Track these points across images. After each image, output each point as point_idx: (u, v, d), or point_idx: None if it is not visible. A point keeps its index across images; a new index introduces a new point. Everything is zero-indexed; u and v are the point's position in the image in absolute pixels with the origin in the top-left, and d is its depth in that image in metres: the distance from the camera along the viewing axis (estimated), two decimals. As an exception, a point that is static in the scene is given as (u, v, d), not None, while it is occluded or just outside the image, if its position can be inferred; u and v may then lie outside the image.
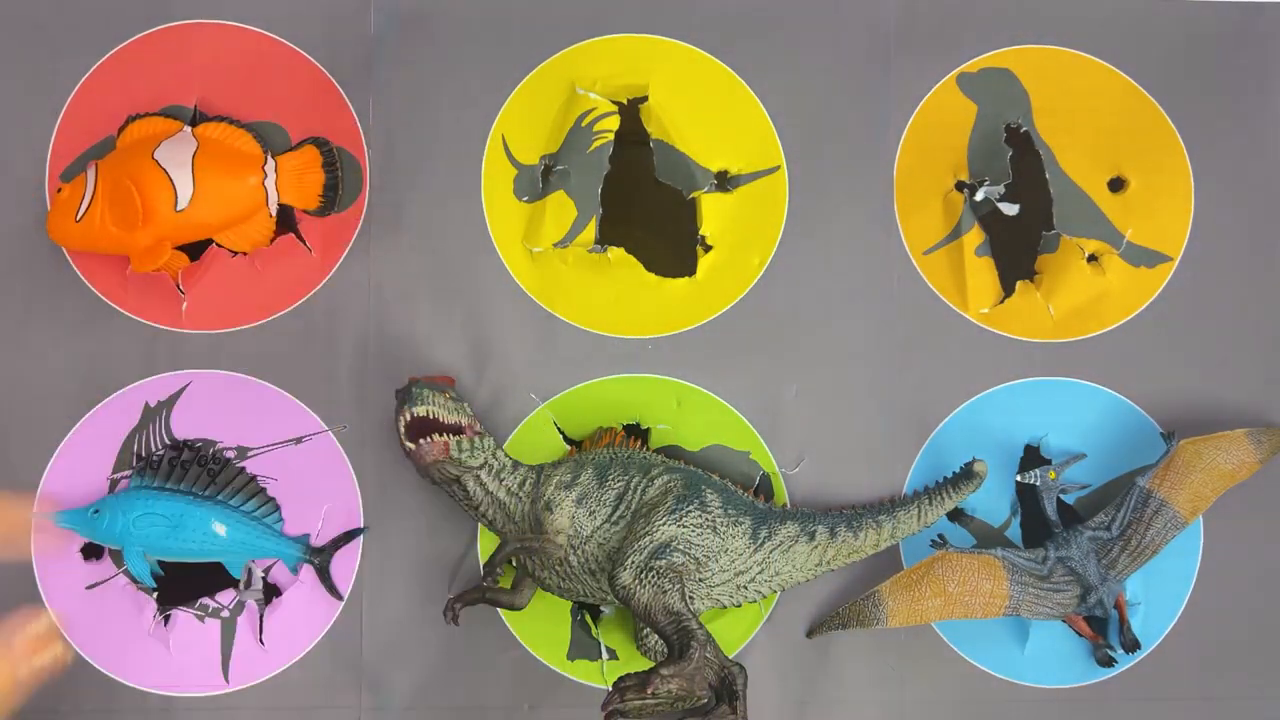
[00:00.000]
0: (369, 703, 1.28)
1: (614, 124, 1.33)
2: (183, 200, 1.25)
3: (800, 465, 1.32)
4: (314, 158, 1.31)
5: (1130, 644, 1.28)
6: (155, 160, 1.25)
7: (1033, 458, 1.32)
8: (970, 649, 1.31)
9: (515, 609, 1.27)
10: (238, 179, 1.28)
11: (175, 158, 1.26)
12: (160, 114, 1.30)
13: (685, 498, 1.23)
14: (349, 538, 1.30)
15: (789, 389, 1.33)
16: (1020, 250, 1.36)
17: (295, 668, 1.29)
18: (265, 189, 1.29)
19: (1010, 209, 1.36)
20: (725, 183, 1.35)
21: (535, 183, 1.34)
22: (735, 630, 1.30)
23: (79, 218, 1.25)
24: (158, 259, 1.25)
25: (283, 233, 1.32)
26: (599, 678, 1.29)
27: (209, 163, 1.27)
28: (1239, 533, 1.32)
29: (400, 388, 1.23)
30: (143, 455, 1.29)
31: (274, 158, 1.30)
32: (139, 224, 1.24)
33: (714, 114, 1.35)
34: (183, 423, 1.30)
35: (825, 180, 1.34)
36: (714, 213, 1.34)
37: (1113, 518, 1.27)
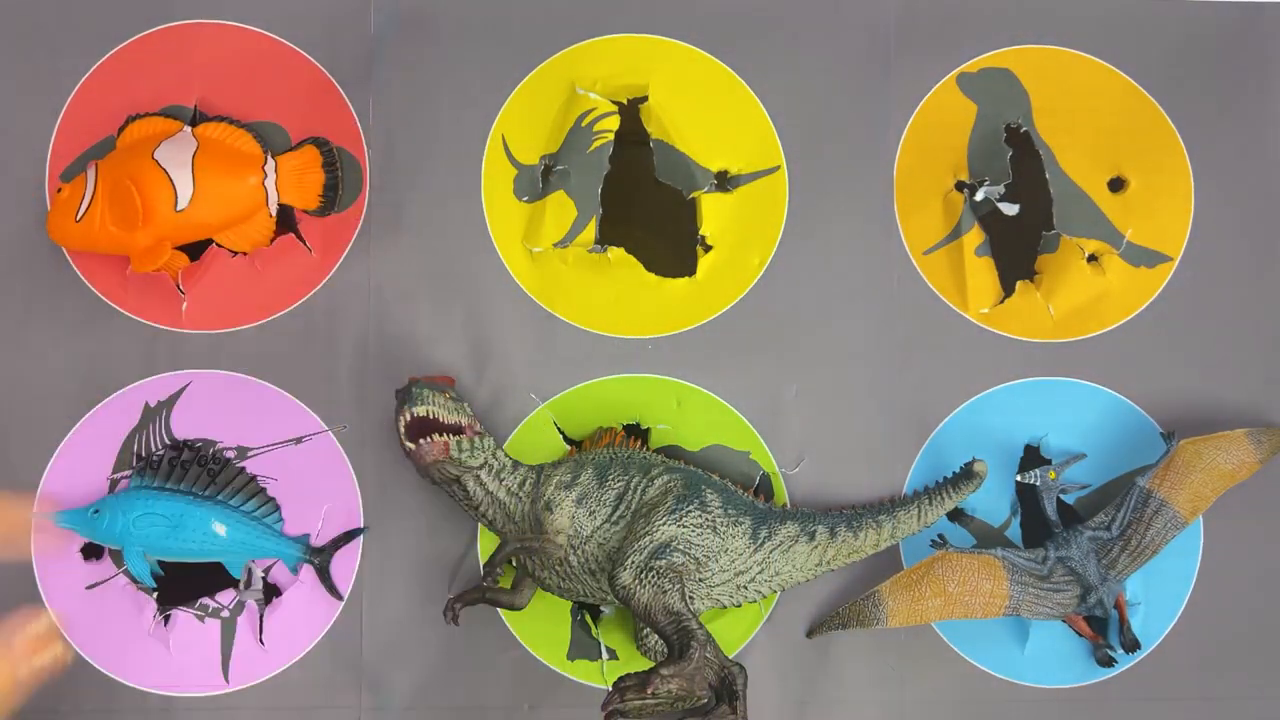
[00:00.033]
0: (369, 703, 1.28)
1: (614, 124, 1.33)
2: (183, 200, 1.25)
3: (800, 465, 1.32)
4: (314, 158, 1.31)
5: (1130, 644, 1.28)
6: (155, 160, 1.25)
7: (1033, 458, 1.32)
8: (970, 649, 1.31)
9: (515, 609, 1.27)
10: (238, 179, 1.28)
11: (175, 158, 1.26)
12: (160, 114, 1.30)
13: (685, 498, 1.23)
14: (349, 538, 1.30)
15: (789, 389, 1.33)
16: (1020, 250, 1.36)
17: (295, 668, 1.28)
18: (265, 189, 1.29)
19: (1010, 209, 1.36)
20: (725, 183, 1.35)
21: (535, 183, 1.34)
22: (735, 630, 1.30)
23: (79, 218, 1.25)
24: (158, 259, 1.25)
25: (283, 233, 1.32)
26: (599, 678, 1.29)
27: (209, 163, 1.27)
28: (1239, 533, 1.32)
29: (400, 388, 1.22)
30: (143, 455, 1.29)
31: (274, 158, 1.30)
32: (139, 224, 1.24)
33: (714, 114, 1.35)
34: (183, 423, 1.30)
35: (825, 180, 1.34)
36: (714, 213, 1.34)
37: (1113, 518, 1.27)
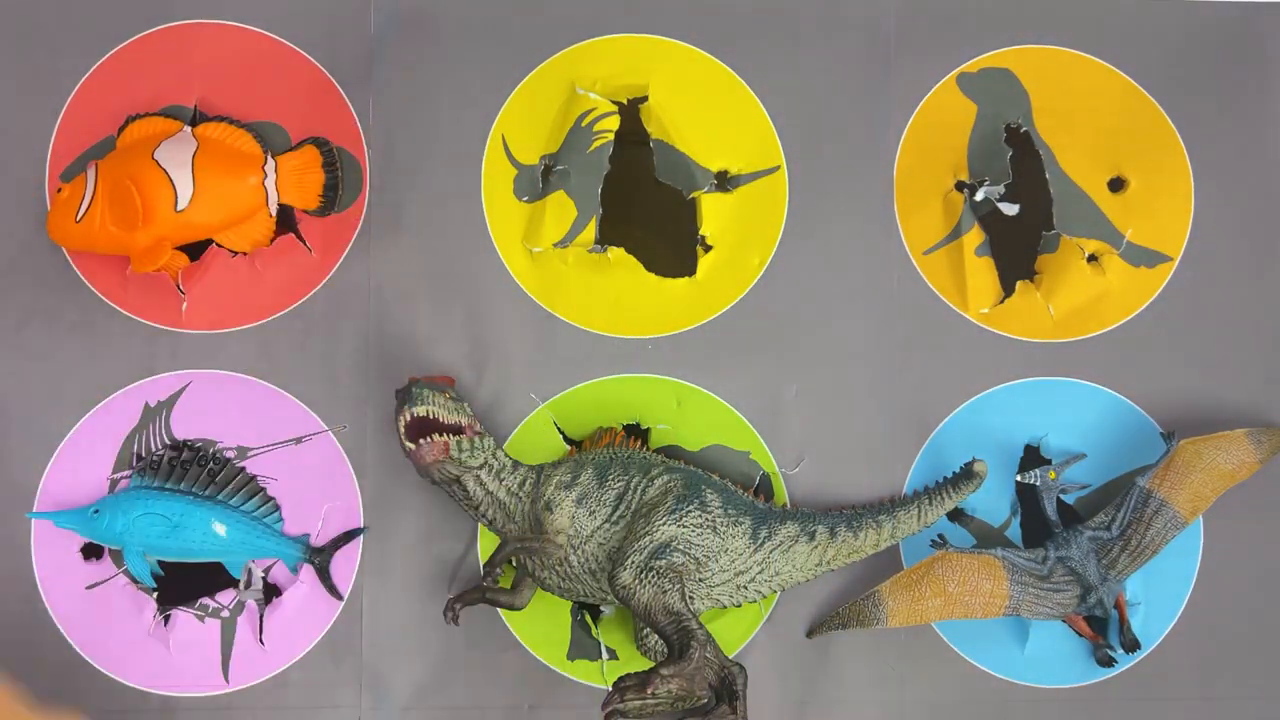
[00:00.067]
0: (369, 703, 1.28)
1: (614, 124, 1.33)
2: (183, 200, 1.25)
3: (800, 465, 1.32)
4: (314, 158, 1.31)
5: (1130, 644, 1.28)
6: (155, 160, 1.25)
7: (1033, 458, 1.32)
8: (970, 649, 1.30)
9: (515, 609, 1.27)
10: (238, 179, 1.28)
11: (175, 158, 1.26)
12: (160, 114, 1.30)
13: (685, 498, 1.23)
14: (349, 538, 1.30)
15: (789, 389, 1.32)
16: (1020, 250, 1.36)
17: (295, 668, 1.28)
18: (265, 189, 1.29)
19: (1010, 209, 1.36)
20: (725, 183, 1.35)
21: (535, 183, 1.34)
22: (735, 630, 1.30)
23: (79, 218, 1.25)
24: (158, 259, 1.25)
25: (283, 233, 1.32)
26: (599, 678, 1.29)
27: (209, 163, 1.27)
28: (1239, 533, 1.32)
29: (400, 388, 1.22)
30: (143, 455, 1.29)
31: (274, 158, 1.30)
32: (139, 224, 1.24)
33: (714, 114, 1.35)
34: (183, 423, 1.30)
35: (825, 180, 1.34)
36: (714, 213, 1.34)
37: (1113, 518, 1.27)
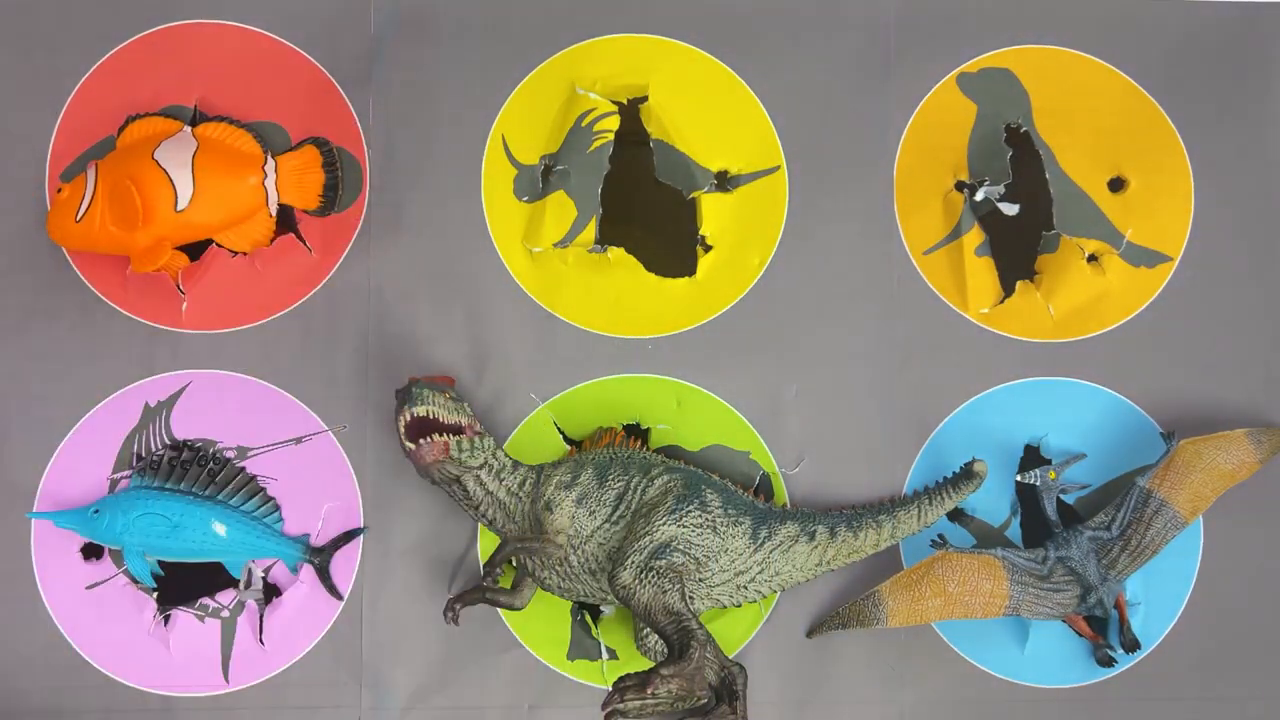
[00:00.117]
0: (369, 703, 1.28)
1: (614, 124, 1.33)
2: (183, 200, 1.25)
3: (800, 465, 1.32)
4: (314, 158, 1.31)
5: (1130, 644, 1.28)
6: (155, 160, 1.25)
7: (1033, 458, 1.32)
8: (970, 649, 1.30)
9: (515, 609, 1.27)
10: (238, 179, 1.28)
11: (175, 158, 1.26)
12: (160, 114, 1.30)
13: (685, 498, 1.23)
14: (349, 538, 1.30)
15: (789, 389, 1.32)
16: (1020, 250, 1.36)
17: (295, 668, 1.28)
18: (265, 189, 1.29)
19: (1010, 209, 1.36)
20: (725, 183, 1.35)
21: (535, 183, 1.34)
22: (735, 630, 1.30)
23: (79, 218, 1.25)
24: (158, 259, 1.25)
25: (283, 233, 1.32)
26: (599, 678, 1.29)
27: (209, 163, 1.27)
28: (1239, 533, 1.32)
29: (400, 388, 1.22)
30: (143, 455, 1.29)
31: (274, 158, 1.30)
32: (139, 224, 1.24)
33: (714, 114, 1.35)
34: (183, 423, 1.30)
35: (825, 180, 1.34)
36: (714, 213, 1.34)
37: (1113, 518, 1.27)
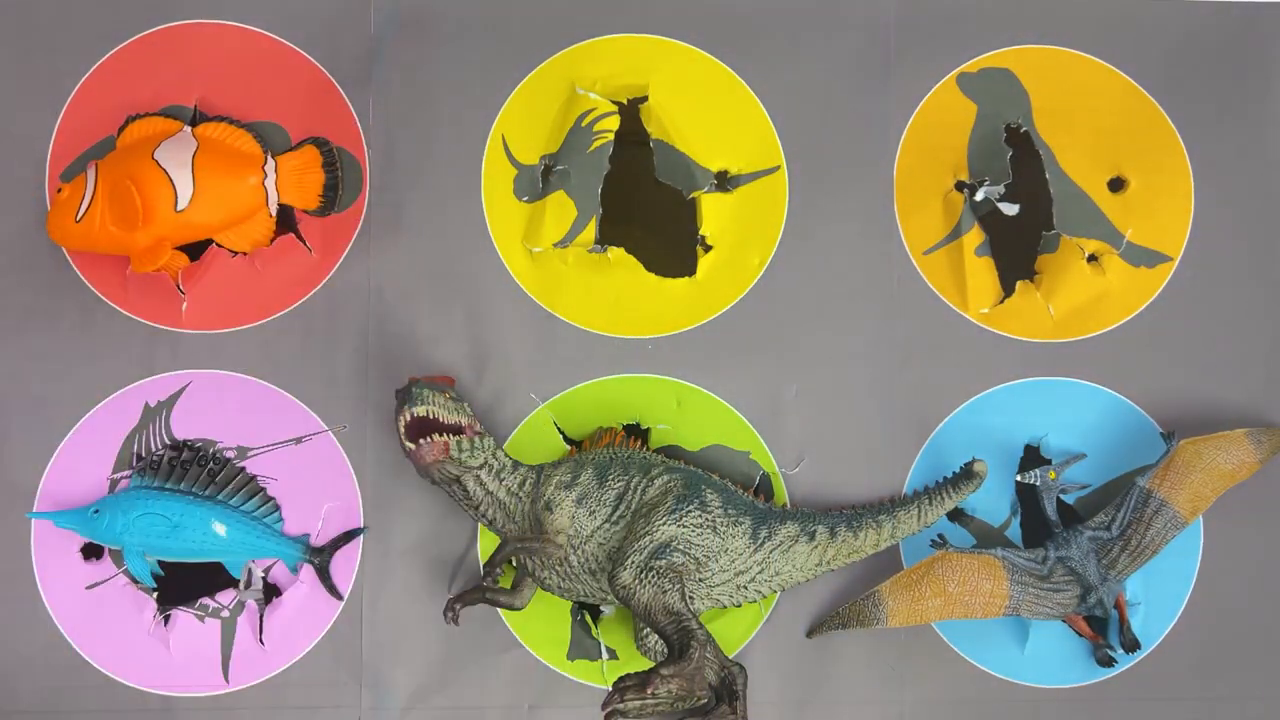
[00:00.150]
0: (369, 702, 1.28)
1: (614, 124, 1.33)
2: (183, 200, 1.25)
3: (800, 465, 1.32)
4: (314, 158, 1.31)
5: (1130, 644, 1.28)
6: (155, 160, 1.25)
7: (1033, 458, 1.32)
8: (970, 649, 1.30)
9: (515, 609, 1.27)
10: (238, 179, 1.28)
11: (175, 158, 1.26)
12: (160, 114, 1.30)
13: (685, 498, 1.23)
14: (349, 538, 1.30)
15: (789, 389, 1.32)
16: (1020, 250, 1.36)
17: (295, 668, 1.28)
18: (265, 189, 1.29)
19: (1010, 209, 1.36)
20: (725, 183, 1.35)
21: (535, 183, 1.34)
22: (735, 630, 1.30)
23: (79, 218, 1.25)
24: (158, 259, 1.25)
25: (283, 233, 1.32)
26: (599, 678, 1.29)
27: (209, 163, 1.27)
28: (1239, 533, 1.32)
29: (400, 388, 1.22)
30: (143, 455, 1.29)
31: (274, 158, 1.30)
32: (139, 224, 1.24)
33: (714, 114, 1.35)
34: (183, 423, 1.30)
35: (825, 180, 1.34)
36: (714, 213, 1.34)
37: (1113, 518, 1.27)
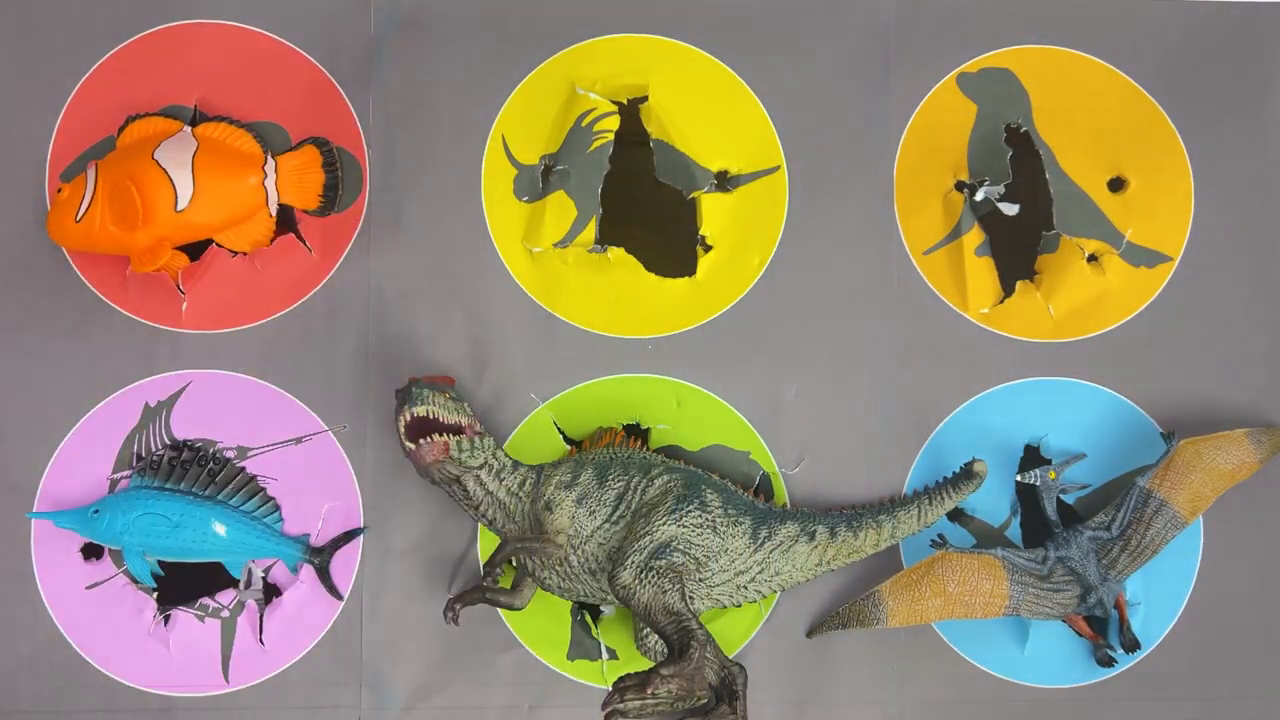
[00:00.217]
0: (369, 702, 1.28)
1: (614, 124, 1.33)
2: (183, 200, 1.25)
3: (800, 465, 1.32)
4: (314, 158, 1.31)
5: (1130, 644, 1.28)
6: (155, 160, 1.25)
7: (1033, 458, 1.32)
8: (970, 649, 1.30)
9: (515, 609, 1.27)
10: (238, 179, 1.28)
11: (175, 158, 1.26)
12: (160, 114, 1.30)
13: (685, 498, 1.23)
14: (349, 538, 1.30)
15: (789, 389, 1.32)
16: (1020, 250, 1.36)
17: (295, 668, 1.28)
18: (265, 189, 1.29)
19: (1010, 209, 1.36)
20: (725, 183, 1.35)
21: (535, 183, 1.34)
22: (735, 630, 1.30)
23: (79, 218, 1.24)
24: (158, 259, 1.25)
25: (283, 233, 1.32)
26: (599, 678, 1.29)
27: (209, 163, 1.27)
28: (1239, 533, 1.32)
29: (400, 388, 1.22)
30: (143, 455, 1.29)
31: (274, 158, 1.30)
32: (139, 224, 1.24)
33: (714, 114, 1.35)
34: (183, 423, 1.30)
35: (825, 180, 1.34)
36: (714, 213, 1.34)
37: (1113, 518, 1.27)
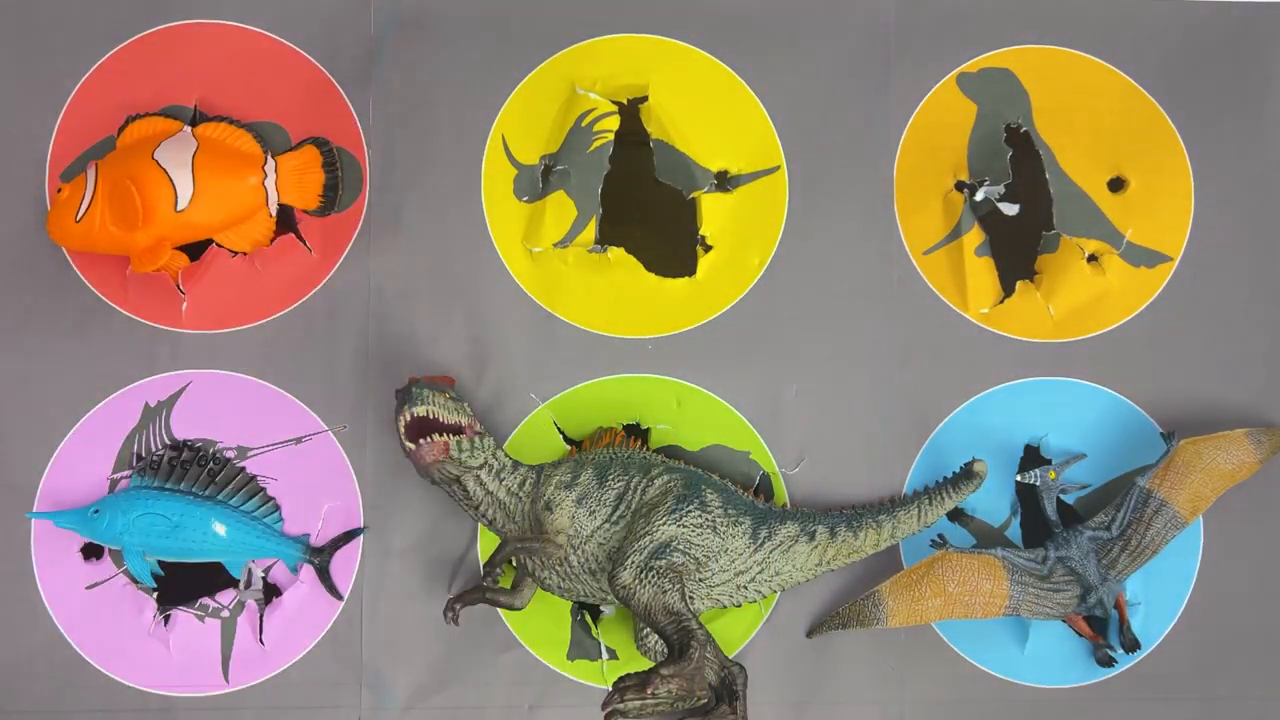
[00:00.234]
0: (369, 702, 1.28)
1: (614, 124, 1.33)
2: (183, 200, 1.25)
3: (800, 465, 1.32)
4: (314, 158, 1.31)
5: (1130, 644, 1.28)
6: (155, 160, 1.25)
7: (1033, 458, 1.32)
8: (970, 649, 1.30)
9: (515, 609, 1.27)
10: (238, 179, 1.28)
11: (175, 158, 1.26)
12: (160, 114, 1.30)
13: (685, 498, 1.23)
14: (349, 538, 1.30)
15: (789, 389, 1.32)
16: (1020, 250, 1.36)
17: (295, 668, 1.28)
18: (265, 189, 1.29)
19: (1010, 209, 1.36)
20: (725, 183, 1.35)
21: (535, 183, 1.34)
22: (735, 630, 1.30)
23: (79, 218, 1.25)
24: (158, 259, 1.25)
25: (283, 233, 1.32)
26: (599, 678, 1.29)
27: (209, 163, 1.27)
28: (1239, 533, 1.32)
29: (400, 388, 1.22)
30: (143, 455, 1.29)
31: (274, 158, 1.30)
32: (139, 224, 1.24)
33: (714, 114, 1.35)
34: (183, 423, 1.30)
35: (825, 180, 1.34)
36: (714, 213, 1.34)
37: (1113, 518, 1.27)
